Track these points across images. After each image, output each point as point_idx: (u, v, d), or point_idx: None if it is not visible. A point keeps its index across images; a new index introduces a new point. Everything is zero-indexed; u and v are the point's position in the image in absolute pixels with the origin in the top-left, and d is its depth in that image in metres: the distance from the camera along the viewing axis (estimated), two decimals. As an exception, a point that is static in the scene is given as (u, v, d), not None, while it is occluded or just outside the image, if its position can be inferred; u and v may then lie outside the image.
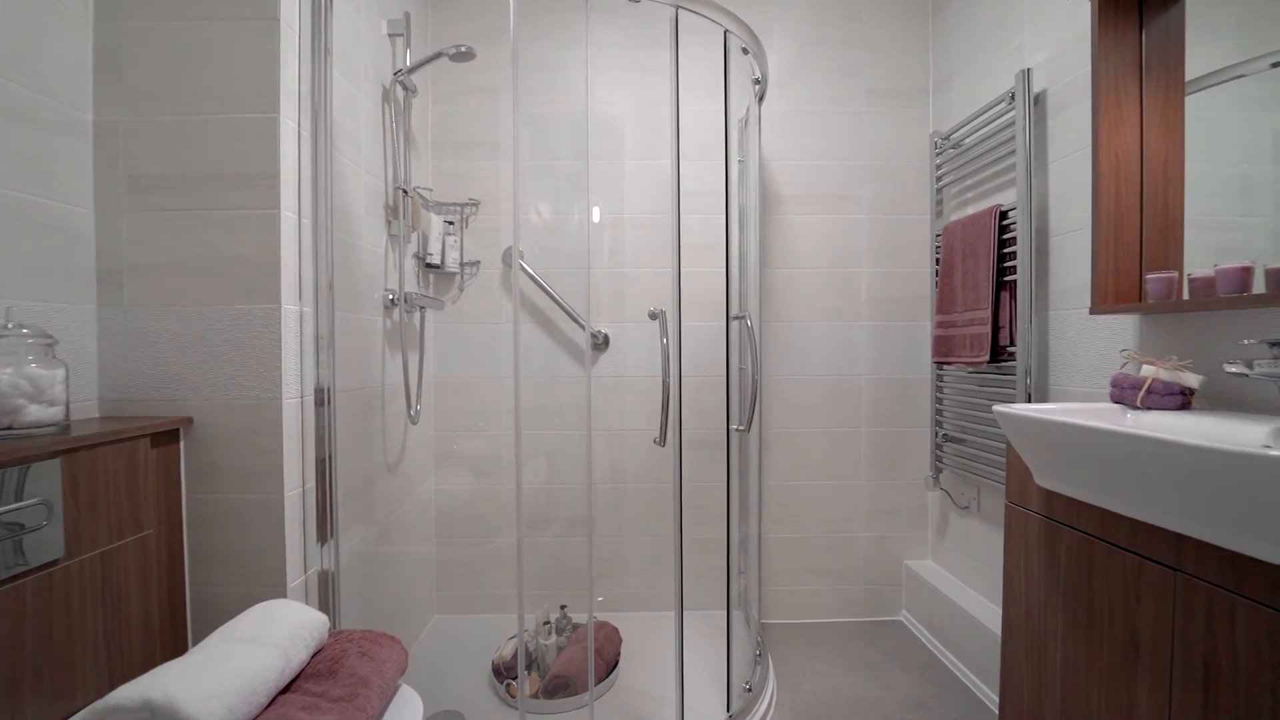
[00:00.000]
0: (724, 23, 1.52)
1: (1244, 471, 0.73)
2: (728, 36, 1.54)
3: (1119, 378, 1.18)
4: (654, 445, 2.08)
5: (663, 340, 1.38)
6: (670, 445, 1.41)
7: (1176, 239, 1.24)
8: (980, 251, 1.71)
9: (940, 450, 2.03)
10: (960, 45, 1.96)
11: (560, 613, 1.84)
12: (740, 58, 1.64)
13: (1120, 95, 1.26)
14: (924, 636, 2.02)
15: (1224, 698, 0.83)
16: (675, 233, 1.41)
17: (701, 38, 1.57)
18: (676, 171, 1.42)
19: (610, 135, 2.10)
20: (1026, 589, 1.23)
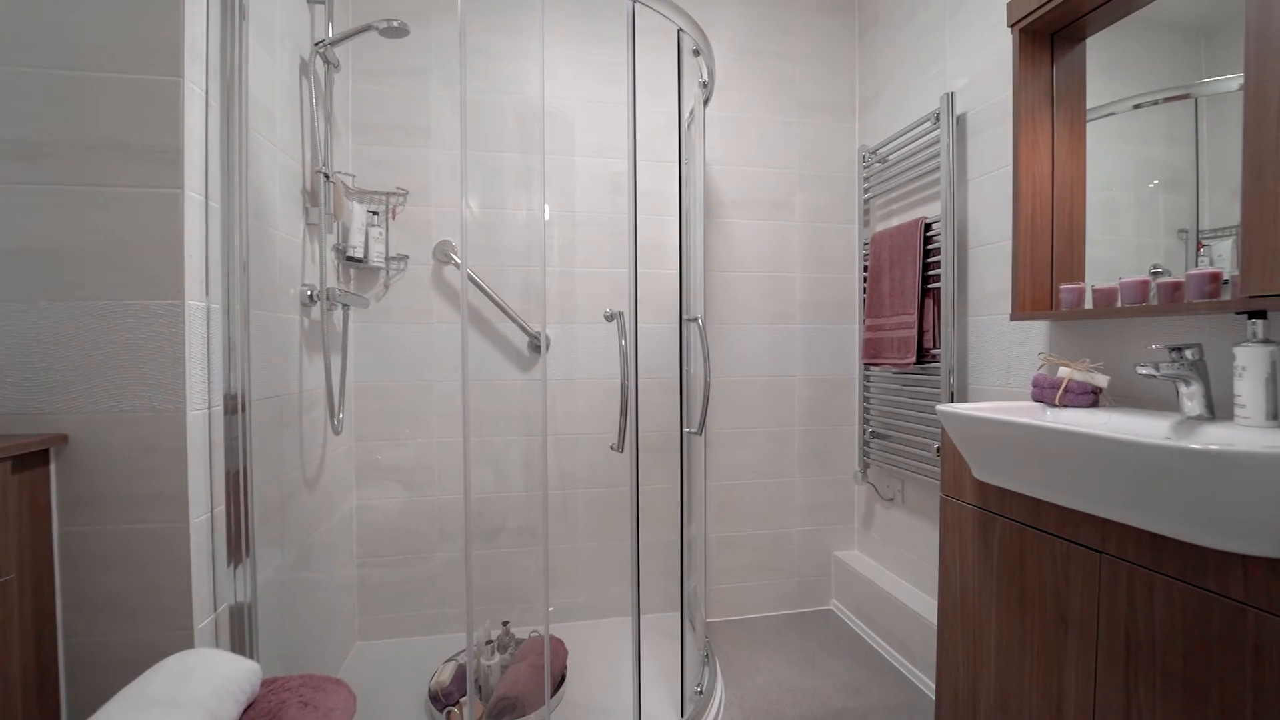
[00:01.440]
0: (678, 21, 1.51)
1: (1155, 460, 0.82)
2: (681, 36, 1.53)
3: (1039, 378, 1.30)
4: (600, 449, 2.06)
5: (621, 342, 1.34)
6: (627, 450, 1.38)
7: (1080, 254, 1.38)
8: (907, 260, 1.83)
9: (868, 446, 2.15)
10: (885, 67, 2.09)
11: (502, 629, 1.75)
12: (690, 59, 1.64)
13: (1036, 122, 1.39)
14: (854, 623, 2.13)
15: (1143, 666, 0.93)
16: (632, 232, 1.37)
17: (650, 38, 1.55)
18: (633, 170, 1.38)
19: (559, 130, 2.03)
20: (961, 575, 1.32)
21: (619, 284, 2.06)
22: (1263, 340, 0.94)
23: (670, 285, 2.08)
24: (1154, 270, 1.24)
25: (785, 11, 2.20)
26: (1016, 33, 1.40)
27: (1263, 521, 0.75)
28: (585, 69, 2.05)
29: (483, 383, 1.99)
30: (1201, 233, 1.17)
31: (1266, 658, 0.78)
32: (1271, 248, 0.92)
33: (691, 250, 1.83)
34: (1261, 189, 0.93)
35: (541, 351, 1.51)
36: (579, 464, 2.07)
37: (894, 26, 2.03)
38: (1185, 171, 1.21)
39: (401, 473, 1.96)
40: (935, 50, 1.82)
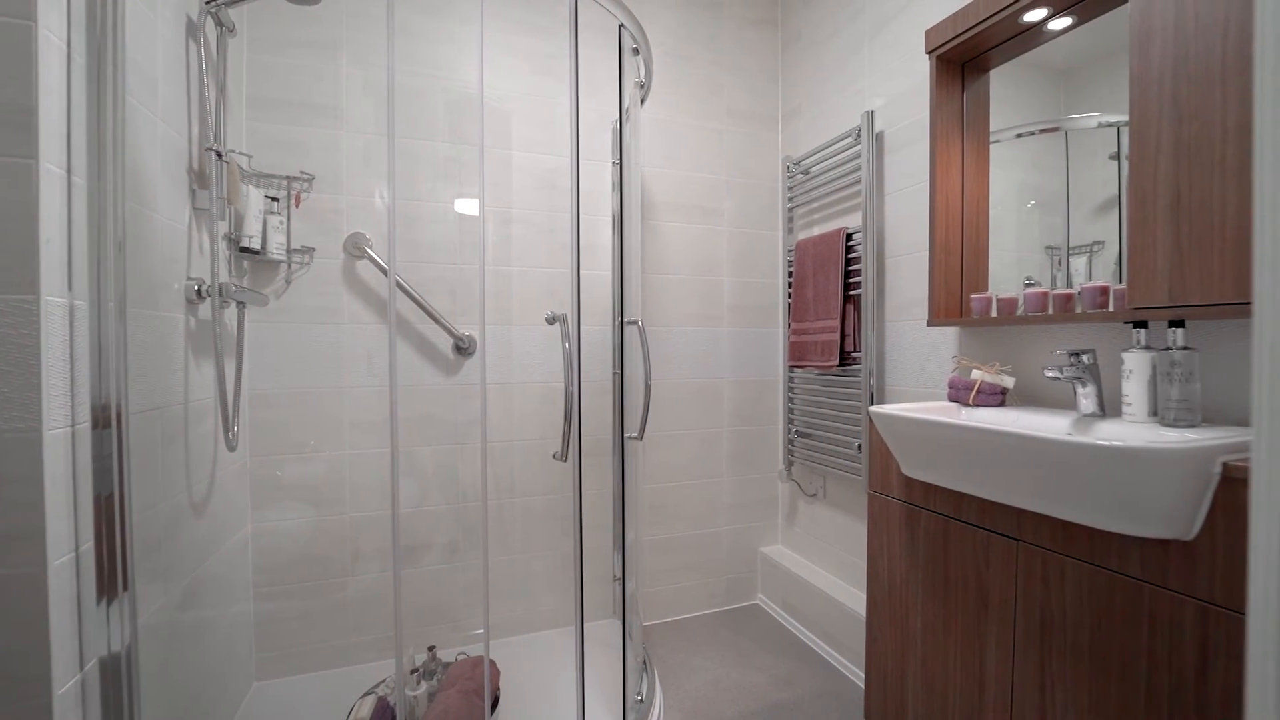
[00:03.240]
0: (619, 16, 1.48)
1: (1063, 455, 0.91)
2: (622, 31, 1.50)
3: (955, 380, 1.41)
4: (533, 456, 1.98)
5: (565, 345, 1.29)
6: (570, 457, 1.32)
7: (985, 266, 1.52)
8: (829, 268, 1.92)
9: (792, 445, 2.24)
10: (807, 82, 2.18)
11: (428, 654, 1.62)
12: (630, 57, 1.61)
13: (949, 143, 1.51)
14: (780, 616, 2.21)
15: (1055, 642, 1.03)
16: (575, 232, 1.33)
17: (588, 31, 1.50)
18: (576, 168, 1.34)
19: (491, 121, 1.93)
20: (889, 566, 1.41)
21: (553, 284, 2.00)
22: (1145, 347, 1.07)
23: (603, 287, 2.06)
24: (1027, 281, 1.40)
25: (715, 19, 2.24)
26: (933, 59, 1.51)
27: (1153, 506, 0.85)
28: (518, 59, 1.96)
29: (401, 388, 1.84)
30: (1071, 249, 1.33)
31: (1158, 627, 0.88)
32: (1151, 267, 1.05)
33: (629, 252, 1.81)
34: (1144, 215, 1.06)
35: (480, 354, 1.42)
36: (511, 472, 1.97)
37: (816, 44, 2.13)
38: (1056, 195, 1.37)
39: (307, 490, 1.76)
40: (856, 70, 1.93)
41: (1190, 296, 0.99)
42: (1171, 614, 0.86)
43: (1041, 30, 1.35)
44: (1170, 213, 1.02)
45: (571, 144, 1.31)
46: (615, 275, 1.84)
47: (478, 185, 1.89)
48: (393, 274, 1.16)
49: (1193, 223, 0.99)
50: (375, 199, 1.81)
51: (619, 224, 1.63)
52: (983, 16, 1.36)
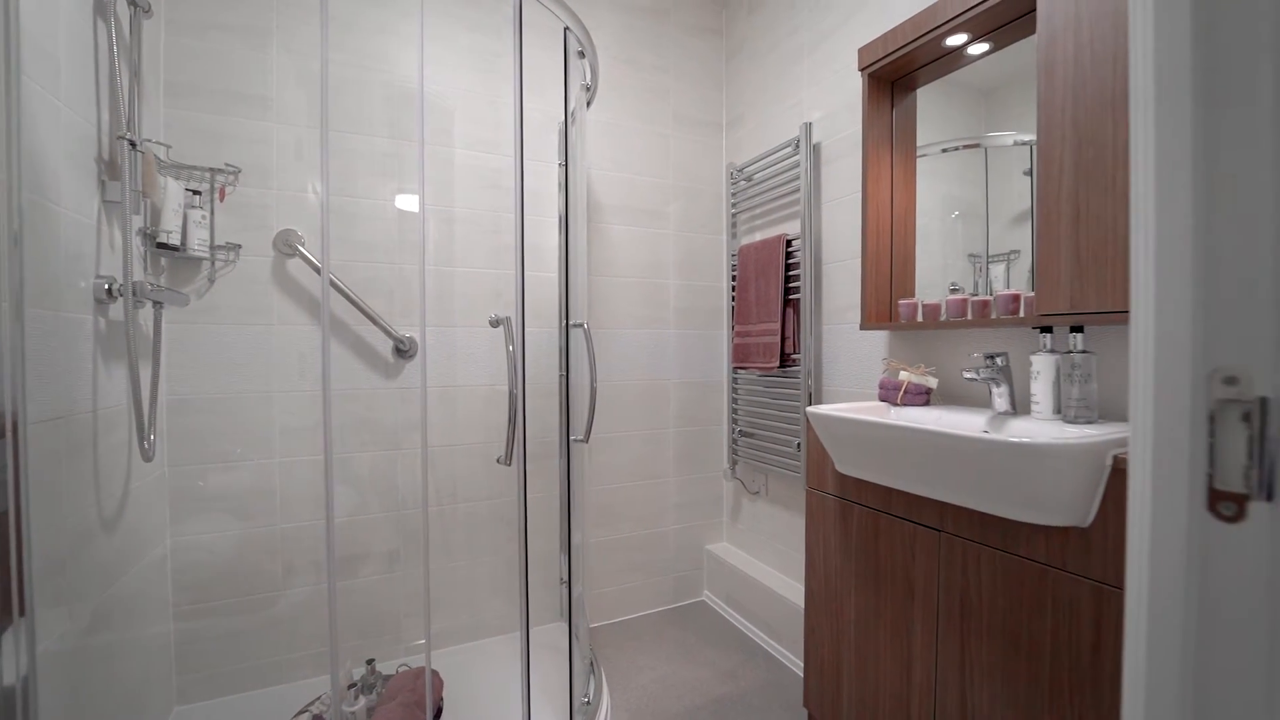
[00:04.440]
0: (564, 18, 1.48)
1: (978, 450, 0.98)
2: (567, 34, 1.50)
3: (884, 380, 1.49)
4: (475, 460, 1.94)
5: (509, 348, 1.28)
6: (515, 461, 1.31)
7: (912, 273, 1.61)
8: (771, 272, 1.98)
9: (736, 444, 2.29)
10: (749, 91, 2.25)
11: (367, 668, 1.57)
12: (575, 59, 1.61)
13: (880, 156, 1.59)
14: (725, 612, 2.27)
15: (974, 624, 1.10)
16: (519, 232, 1.32)
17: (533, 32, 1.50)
18: (520, 167, 1.33)
19: (434, 118, 1.88)
20: (824, 559, 1.47)
21: (497, 285, 1.97)
22: (1050, 350, 1.17)
23: (549, 289, 2.05)
24: (952, 287, 1.50)
25: (661, 25, 2.27)
26: (866, 77, 1.59)
27: (1054, 497, 0.93)
28: (462, 55, 1.92)
29: (338, 393, 1.77)
30: (991, 256, 1.43)
31: (1059, 607, 0.97)
32: (1055, 279, 1.14)
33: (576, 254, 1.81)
34: (1049, 230, 1.15)
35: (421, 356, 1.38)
36: (454, 477, 1.93)
37: (759, 55, 2.19)
38: (976, 206, 1.47)
39: (233, 501, 1.67)
40: (795, 82, 2.00)
41: (1088, 304, 1.09)
42: (1071, 594, 0.95)
43: (962, 54, 1.45)
44: (1071, 228, 1.11)
45: (515, 144, 1.31)
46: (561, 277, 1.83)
47: (418, 182, 1.84)
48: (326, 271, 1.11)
49: (1090, 237, 1.08)
50: (308, 194, 1.74)
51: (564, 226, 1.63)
52: (909, 39, 1.45)
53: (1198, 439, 0.49)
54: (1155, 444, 0.52)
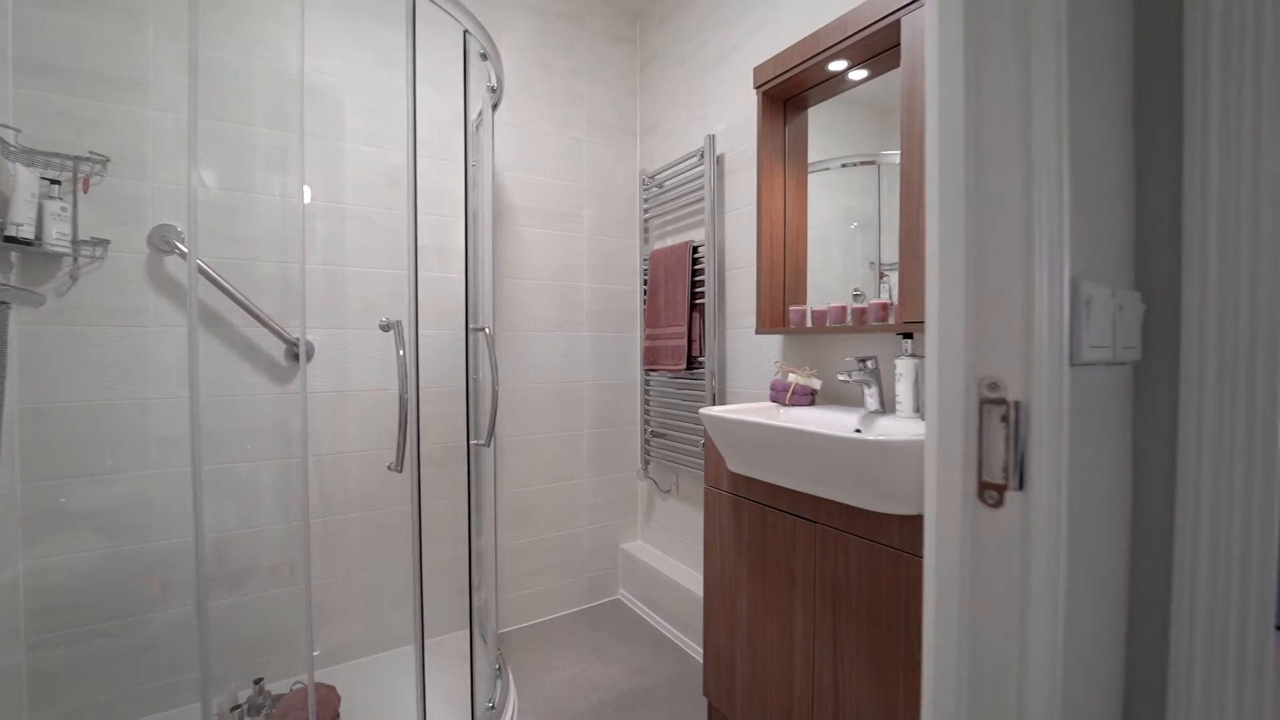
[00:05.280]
0: (464, 22, 1.47)
1: (844, 448, 1.07)
2: (467, 37, 1.49)
3: (775, 383, 1.58)
4: (374, 468, 1.89)
5: (399, 352, 1.26)
6: (409, 468, 1.29)
7: (804, 281, 1.72)
8: (678, 278, 2.05)
9: (648, 445, 2.35)
10: (661, 100, 2.31)
11: (255, 688, 1.49)
12: (478, 62, 1.61)
13: (773, 171, 1.69)
14: (639, 609, 2.32)
15: (845, 607, 1.20)
16: (412, 232, 1.30)
17: (438, 27, 1.48)
18: (413, 166, 1.31)
19: (326, 110, 1.80)
20: (720, 552, 1.54)
21: (399, 286, 1.92)
22: (911, 354, 1.29)
23: (458, 290, 2.01)
24: (855, 293, 1.61)
25: (575, 31, 2.29)
26: (760, 95, 1.68)
27: (904, 488, 1.03)
28: (363, 48, 1.86)
29: (226, 398, 1.68)
30: (884, 265, 1.55)
31: (910, 587, 1.07)
32: (915, 289, 1.26)
33: (480, 256, 1.80)
34: (909, 245, 1.27)
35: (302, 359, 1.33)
36: (350, 485, 1.87)
37: (670, 66, 2.26)
38: (873, 218, 1.59)
39: (101, 517, 1.54)
40: (702, 94, 2.08)
41: (939, 313, 1.20)
42: (918, 575, 1.05)
43: (845, 79, 1.56)
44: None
45: (408, 143, 1.29)
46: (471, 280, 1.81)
47: (310, 176, 1.77)
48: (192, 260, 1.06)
49: (941, 253, 1.20)
50: (202, 190, 1.63)
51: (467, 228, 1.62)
52: (796, 62, 1.54)
53: (970, 436, 0.57)
54: (939, 440, 0.59)
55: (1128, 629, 0.76)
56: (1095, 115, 0.65)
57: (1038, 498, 0.54)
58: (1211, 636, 0.68)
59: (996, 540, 0.56)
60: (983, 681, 0.57)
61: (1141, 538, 0.75)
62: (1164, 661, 0.72)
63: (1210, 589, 0.68)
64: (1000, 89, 0.55)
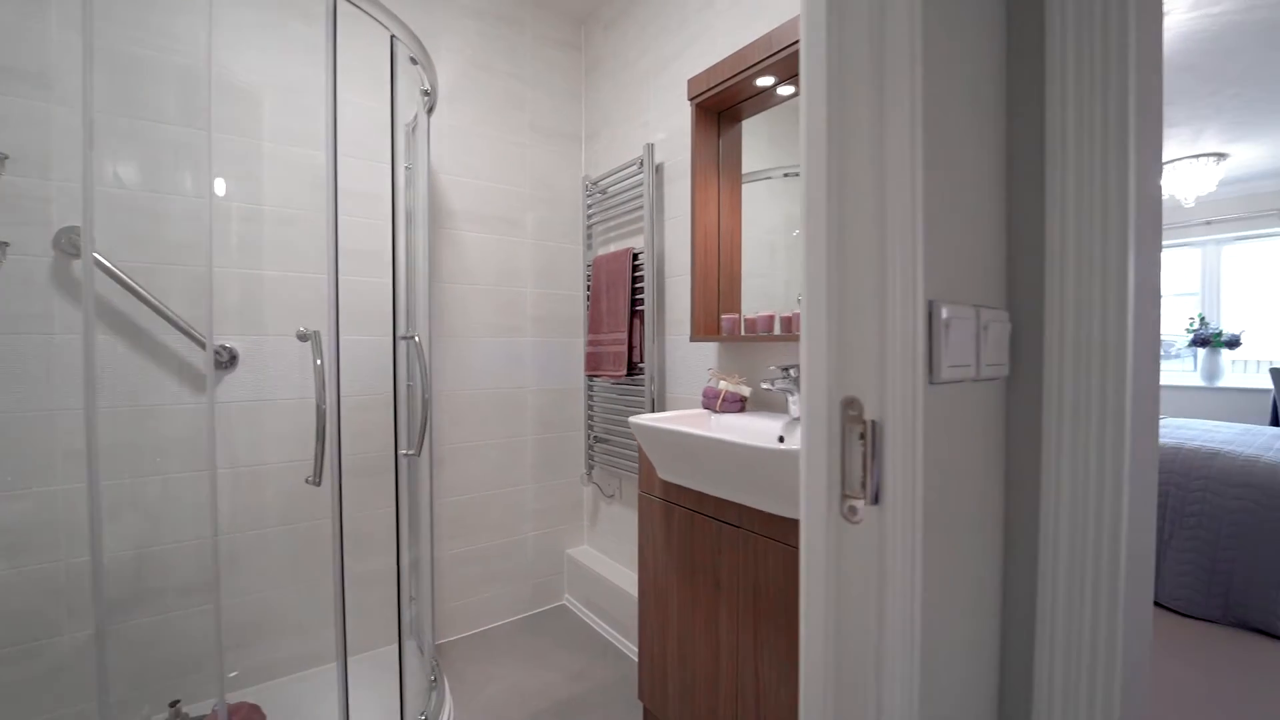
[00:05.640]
0: (391, 27, 1.45)
1: (754, 456, 1.10)
2: (394, 43, 1.47)
3: (708, 390, 1.61)
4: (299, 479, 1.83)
5: (317, 361, 1.23)
6: (329, 480, 1.27)
7: (738, 289, 1.75)
8: (619, 284, 2.06)
9: (592, 450, 2.35)
10: (605, 107, 2.32)
11: (170, 711, 1.43)
12: (408, 66, 1.58)
13: (707, 181, 1.72)
14: (584, 614, 2.32)
15: (764, 606, 1.23)
16: (332, 238, 1.27)
17: (367, 26, 1.46)
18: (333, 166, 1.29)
19: (244, 108, 1.74)
20: (653, 557, 1.56)
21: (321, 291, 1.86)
22: (829, 363, 1.33)
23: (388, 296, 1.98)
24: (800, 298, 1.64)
25: (518, 35, 2.28)
26: (694, 107, 1.70)
27: (820, 494, 1.07)
28: (290, 46, 1.80)
29: (137, 409, 1.60)
30: None
31: (824, 589, 1.11)
32: (832, 298, 1.30)
33: (414, 261, 1.77)
34: (827, 257, 1.31)
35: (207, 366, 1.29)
36: (275, 497, 1.81)
37: (613, 73, 2.27)
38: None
39: (2, 537, 1.45)
40: (643, 103, 2.10)
41: (854, 324, 1.25)
42: (827, 578, 1.09)
43: (774, 93, 1.60)
44: (843, 257, 1.27)
45: (328, 144, 1.26)
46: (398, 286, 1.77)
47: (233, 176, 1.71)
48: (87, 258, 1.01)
49: (855, 266, 1.25)
50: (100, 186, 1.56)
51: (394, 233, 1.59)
52: (726, 76, 1.58)
53: (833, 452, 0.60)
54: (807, 456, 0.62)
55: (1002, 629, 0.81)
56: (958, 144, 0.69)
57: (892, 513, 0.57)
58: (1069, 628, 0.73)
59: (855, 553, 0.59)
60: (846, 684, 0.60)
61: (1012, 541, 0.79)
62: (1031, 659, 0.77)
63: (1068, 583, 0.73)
64: (856, 118, 0.58)
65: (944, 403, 0.67)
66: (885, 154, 0.57)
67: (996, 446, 0.78)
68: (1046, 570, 0.75)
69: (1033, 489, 0.77)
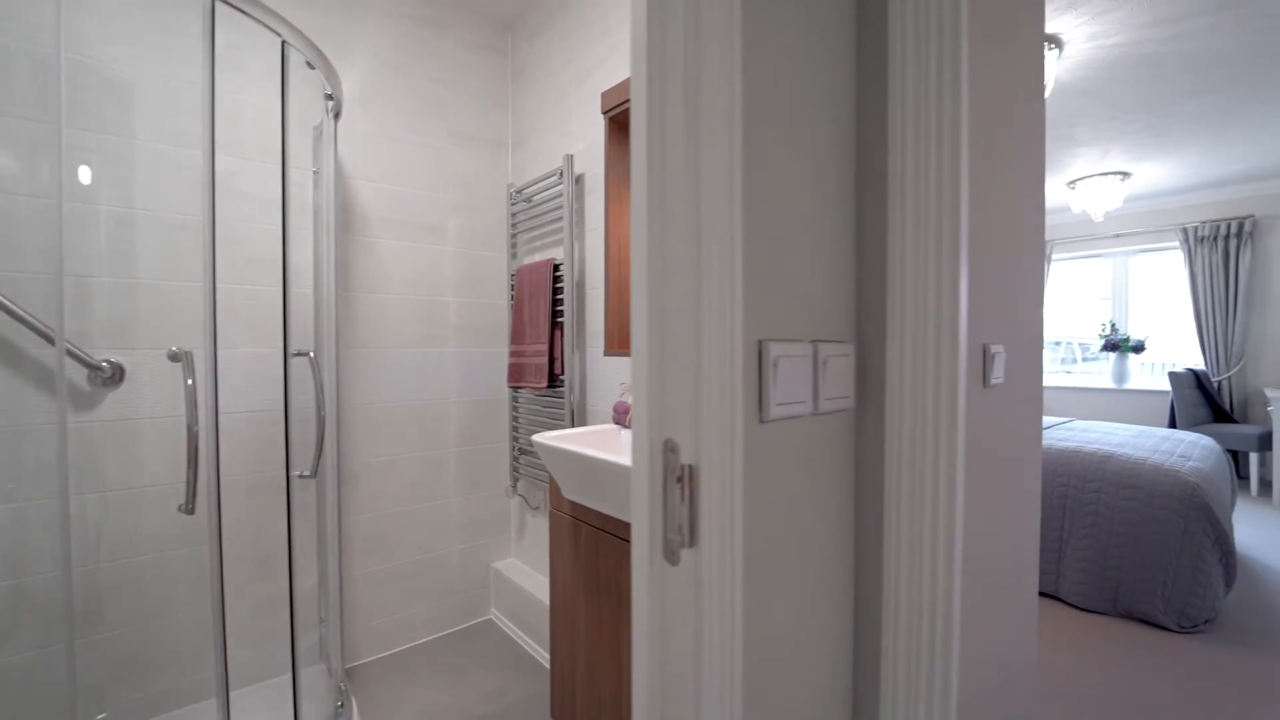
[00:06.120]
0: (282, 32, 1.39)
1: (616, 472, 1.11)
2: (286, 48, 1.41)
3: (618, 405, 1.61)
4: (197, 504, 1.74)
5: (187, 382, 1.16)
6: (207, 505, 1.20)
7: (653, 303, 1.76)
8: (540, 295, 2.04)
9: (517, 462, 2.32)
10: (531, 115, 2.29)
11: (29, 755, 1.33)
12: (305, 71, 1.52)
13: (620, 194, 1.72)
14: (509, 629, 2.29)
15: (658, 627, 1.24)
16: (210, 248, 1.21)
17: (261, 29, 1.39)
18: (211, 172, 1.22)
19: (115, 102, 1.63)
20: (563, 574, 1.55)
21: (228, 301, 1.78)
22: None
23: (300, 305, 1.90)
24: None
25: (436, 37, 2.22)
26: (607, 120, 1.70)
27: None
28: (184, 43, 1.70)
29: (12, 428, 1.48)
30: None
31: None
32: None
33: (318, 268, 1.70)
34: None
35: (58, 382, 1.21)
36: (163, 521, 1.71)
37: (538, 81, 2.24)
38: None
39: None
40: (566, 112, 2.08)
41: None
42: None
43: (684, 110, 1.61)
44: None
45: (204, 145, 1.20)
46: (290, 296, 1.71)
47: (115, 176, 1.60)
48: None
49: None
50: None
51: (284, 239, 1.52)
52: (635, 91, 1.57)
53: (655, 494, 0.60)
54: (634, 497, 0.62)
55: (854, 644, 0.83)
56: (795, 190, 0.71)
57: (708, 555, 0.58)
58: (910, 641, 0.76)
59: (676, 595, 0.59)
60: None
61: (863, 566, 0.82)
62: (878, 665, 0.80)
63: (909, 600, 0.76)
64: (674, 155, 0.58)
65: (776, 440, 0.68)
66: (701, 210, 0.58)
67: (845, 475, 0.81)
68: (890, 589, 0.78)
69: (877, 515, 0.80)
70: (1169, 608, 2.23)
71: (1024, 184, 1.10)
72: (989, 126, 0.91)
